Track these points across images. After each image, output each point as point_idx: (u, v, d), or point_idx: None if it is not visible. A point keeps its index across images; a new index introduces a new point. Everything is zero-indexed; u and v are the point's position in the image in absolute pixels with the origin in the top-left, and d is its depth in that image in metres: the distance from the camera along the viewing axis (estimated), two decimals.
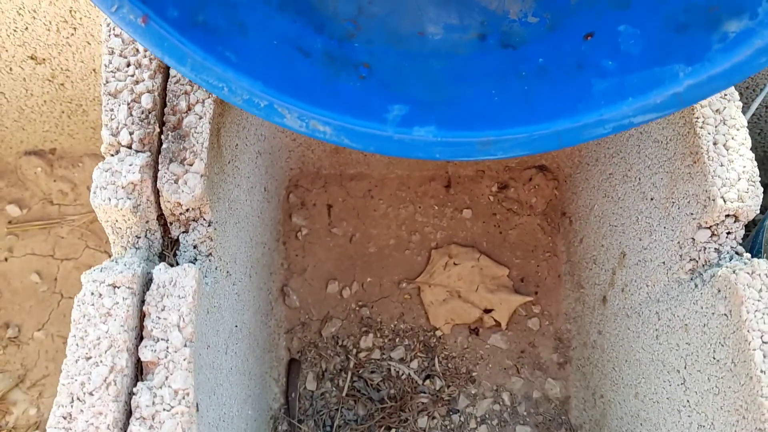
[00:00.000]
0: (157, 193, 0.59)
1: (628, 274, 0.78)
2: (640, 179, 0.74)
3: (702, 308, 0.62)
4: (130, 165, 0.58)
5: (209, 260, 0.63)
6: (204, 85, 0.47)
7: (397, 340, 0.96)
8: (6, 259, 1.03)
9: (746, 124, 0.62)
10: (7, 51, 0.89)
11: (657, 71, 0.48)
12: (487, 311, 0.96)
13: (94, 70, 0.93)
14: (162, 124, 0.62)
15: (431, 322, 0.96)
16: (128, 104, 0.60)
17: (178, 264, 0.61)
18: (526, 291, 0.99)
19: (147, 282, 0.56)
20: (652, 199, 0.72)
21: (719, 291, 0.59)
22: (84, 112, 1.02)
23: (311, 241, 1.01)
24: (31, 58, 0.91)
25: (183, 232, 0.62)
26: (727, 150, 0.62)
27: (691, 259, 0.64)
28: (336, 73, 0.53)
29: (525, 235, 1.01)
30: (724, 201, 0.60)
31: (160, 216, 0.61)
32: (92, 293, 0.54)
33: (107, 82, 0.60)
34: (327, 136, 0.49)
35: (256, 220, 0.84)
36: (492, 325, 0.96)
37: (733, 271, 0.58)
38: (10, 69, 0.92)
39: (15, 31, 0.86)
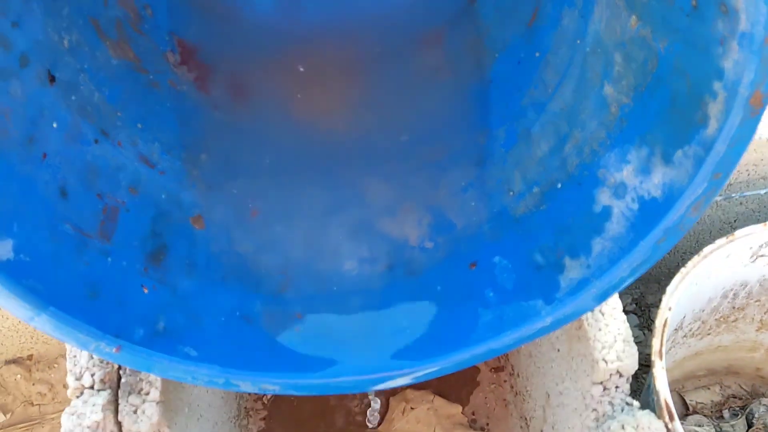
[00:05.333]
0: (119, 424, 0.73)
1: (554, 414, 0.92)
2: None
3: None
4: (93, 405, 0.71)
5: None
6: (171, 379, 0.62)
7: None
8: None
9: None
10: None
11: (524, 306, 0.63)
12: None
13: None
14: None
15: None
16: None
17: None
18: (480, 424, 1.13)
19: None
20: (558, 350, 0.87)
21: None
22: None
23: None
24: None
25: None
26: (603, 315, 0.78)
27: (593, 410, 0.79)
28: (276, 331, 0.68)
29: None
30: (606, 363, 0.75)
31: None
32: None
33: None
34: (277, 391, 0.64)
35: (219, 402, 0.98)
36: None
37: (622, 426, 0.73)
38: None
39: None
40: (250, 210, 0.74)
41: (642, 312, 1.22)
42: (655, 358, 0.76)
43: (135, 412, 0.72)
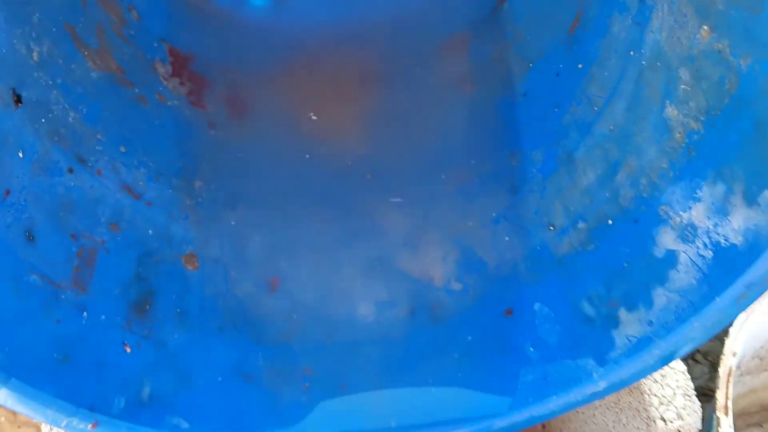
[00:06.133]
0: None
1: None
2: None
3: None
4: None
5: None
6: None
7: None
8: None
9: None
10: None
11: (572, 365, 0.55)
12: None
13: None
14: None
15: None
16: None
17: None
18: None
19: None
20: None
21: None
22: None
23: None
24: None
25: None
26: None
27: None
28: (281, 390, 0.59)
29: None
30: (665, 422, 0.67)
31: None
32: None
33: None
34: None
35: None
36: None
37: None
38: None
39: None
40: (268, 281, 0.65)
41: None
42: (720, 414, 0.67)
43: None
